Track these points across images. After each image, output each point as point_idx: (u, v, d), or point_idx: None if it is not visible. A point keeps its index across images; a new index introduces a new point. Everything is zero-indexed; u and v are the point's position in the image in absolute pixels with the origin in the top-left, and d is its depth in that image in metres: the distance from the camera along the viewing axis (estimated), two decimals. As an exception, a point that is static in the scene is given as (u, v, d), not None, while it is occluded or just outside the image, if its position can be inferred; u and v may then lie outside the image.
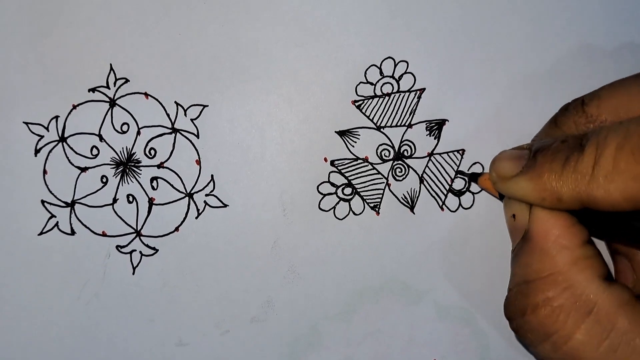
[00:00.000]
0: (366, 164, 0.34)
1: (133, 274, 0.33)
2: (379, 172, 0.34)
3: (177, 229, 0.33)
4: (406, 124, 0.34)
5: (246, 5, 0.33)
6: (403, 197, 0.34)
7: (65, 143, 0.33)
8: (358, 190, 0.34)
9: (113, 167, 0.33)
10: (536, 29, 0.34)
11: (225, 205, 0.33)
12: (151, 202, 0.33)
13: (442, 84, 0.34)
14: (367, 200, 0.34)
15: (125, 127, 0.33)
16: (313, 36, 0.33)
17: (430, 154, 0.34)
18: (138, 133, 0.33)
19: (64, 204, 0.33)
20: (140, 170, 0.33)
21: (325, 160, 0.33)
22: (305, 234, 0.33)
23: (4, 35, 0.32)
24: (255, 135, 0.33)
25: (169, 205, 0.33)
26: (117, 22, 0.32)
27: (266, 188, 0.33)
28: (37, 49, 0.32)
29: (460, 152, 0.34)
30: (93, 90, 0.33)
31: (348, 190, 0.34)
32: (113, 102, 0.33)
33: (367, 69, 0.33)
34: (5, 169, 0.32)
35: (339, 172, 0.34)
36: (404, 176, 0.34)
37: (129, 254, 0.33)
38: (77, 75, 0.32)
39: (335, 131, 0.33)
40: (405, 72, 0.34)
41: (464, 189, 0.34)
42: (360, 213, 0.34)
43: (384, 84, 0.34)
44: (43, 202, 0.32)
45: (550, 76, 0.34)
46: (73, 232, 0.33)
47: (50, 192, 0.33)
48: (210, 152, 0.33)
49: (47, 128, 0.32)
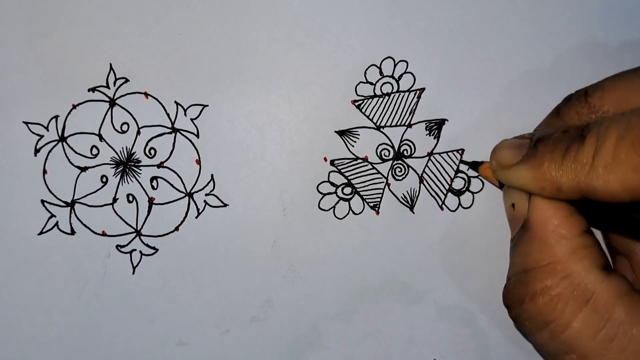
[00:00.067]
0: (366, 163, 0.34)
1: (133, 273, 0.33)
2: (378, 172, 0.34)
3: (177, 228, 0.33)
4: (406, 124, 0.34)
5: (246, 5, 0.33)
6: (403, 197, 0.34)
7: (65, 143, 0.33)
8: (358, 189, 0.34)
9: (113, 167, 0.33)
10: (536, 29, 0.34)
11: (225, 204, 0.33)
12: (151, 201, 0.33)
13: (441, 83, 0.34)
14: (367, 200, 0.34)
15: (125, 127, 0.33)
16: (313, 36, 0.33)
17: (430, 154, 0.34)
18: (138, 133, 0.33)
19: (63, 204, 0.33)
20: (140, 169, 0.33)
21: (325, 160, 0.33)
22: (305, 233, 0.33)
23: (4, 35, 0.32)
24: (255, 135, 0.33)
25: (169, 205, 0.33)
26: (117, 22, 0.33)
27: (266, 188, 0.33)
28: (37, 49, 0.32)
29: (459, 151, 0.34)
30: (93, 90, 0.33)
31: (348, 190, 0.34)
32: (113, 102, 0.33)
33: (367, 69, 0.33)
34: (5, 168, 0.32)
35: (339, 171, 0.34)
36: (404, 176, 0.34)
37: (129, 254, 0.33)
38: (77, 75, 0.32)
39: (335, 131, 0.33)
40: (405, 72, 0.34)
41: (464, 189, 0.34)
42: (360, 213, 0.34)
43: (383, 83, 0.34)
44: (43, 201, 0.32)
45: (550, 76, 0.34)
46: (73, 232, 0.33)
47: (50, 191, 0.33)
48: (210, 152, 0.33)
49: (47, 128, 0.32)
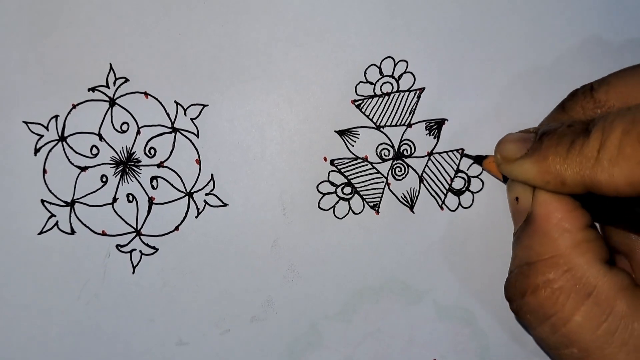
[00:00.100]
0: (366, 163, 0.34)
1: (133, 273, 0.33)
2: (378, 172, 0.34)
3: (177, 228, 0.33)
4: (406, 124, 0.34)
5: (246, 5, 0.33)
6: (403, 197, 0.34)
7: (65, 142, 0.33)
8: (358, 189, 0.34)
9: (113, 167, 0.33)
10: (536, 29, 0.34)
11: (225, 204, 0.33)
12: (151, 201, 0.33)
13: (441, 83, 0.34)
14: (367, 200, 0.34)
15: (125, 127, 0.33)
16: (313, 36, 0.33)
17: (430, 154, 0.34)
18: (138, 132, 0.33)
19: (63, 204, 0.33)
20: (140, 169, 0.33)
21: (325, 159, 0.33)
22: (305, 233, 0.33)
23: (4, 35, 0.32)
24: (255, 135, 0.33)
25: (169, 205, 0.33)
26: (117, 22, 0.33)
27: (266, 187, 0.33)
28: (37, 49, 0.32)
29: (459, 151, 0.34)
30: (93, 89, 0.33)
31: (348, 190, 0.34)
32: (113, 102, 0.33)
33: (367, 69, 0.33)
34: (5, 168, 0.32)
35: (339, 171, 0.34)
36: (404, 175, 0.34)
37: (129, 254, 0.33)
38: (77, 75, 0.32)
39: (335, 131, 0.33)
40: (405, 72, 0.34)
41: (464, 189, 0.34)
42: (359, 212, 0.34)
43: (383, 83, 0.34)
44: (43, 201, 0.32)
45: (550, 76, 0.34)
46: (73, 232, 0.33)
47: (50, 191, 0.33)
48: (210, 152, 0.33)
49: (47, 127, 0.32)
